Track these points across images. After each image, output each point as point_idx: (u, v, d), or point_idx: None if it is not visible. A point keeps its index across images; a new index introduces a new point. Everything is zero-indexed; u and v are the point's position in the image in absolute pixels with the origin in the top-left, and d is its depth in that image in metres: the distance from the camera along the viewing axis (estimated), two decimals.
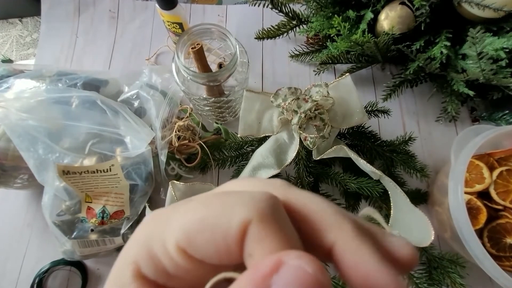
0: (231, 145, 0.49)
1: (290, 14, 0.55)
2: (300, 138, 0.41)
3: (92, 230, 0.43)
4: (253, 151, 0.47)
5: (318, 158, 0.42)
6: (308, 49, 0.59)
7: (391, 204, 0.42)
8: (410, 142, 0.49)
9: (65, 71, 0.48)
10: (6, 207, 0.52)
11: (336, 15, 0.47)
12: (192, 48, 0.41)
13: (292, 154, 0.43)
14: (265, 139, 0.47)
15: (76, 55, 0.62)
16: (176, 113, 0.52)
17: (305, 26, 0.56)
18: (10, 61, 0.64)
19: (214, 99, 0.46)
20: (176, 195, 0.38)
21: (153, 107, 0.47)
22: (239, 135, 0.44)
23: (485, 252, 0.36)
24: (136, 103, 0.48)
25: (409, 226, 0.40)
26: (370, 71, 0.60)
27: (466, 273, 0.42)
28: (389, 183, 0.42)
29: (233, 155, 0.50)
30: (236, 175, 0.48)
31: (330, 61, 0.55)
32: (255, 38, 0.58)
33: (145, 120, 0.47)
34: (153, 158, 0.44)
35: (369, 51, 0.49)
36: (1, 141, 0.41)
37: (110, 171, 0.40)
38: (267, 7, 0.53)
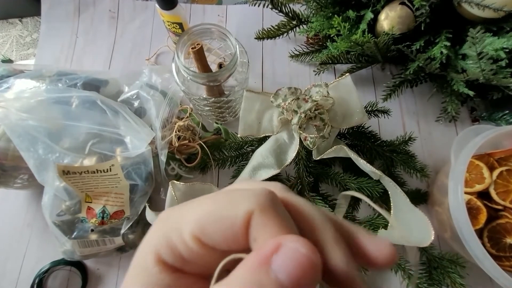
0: (231, 145, 0.49)
1: (290, 14, 0.55)
2: (300, 138, 0.41)
3: (92, 230, 0.43)
4: (253, 151, 0.47)
5: (318, 158, 0.42)
6: (308, 49, 0.59)
7: (391, 204, 0.42)
8: (410, 142, 0.49)
9: (65, 71, 0.48)
10: (6, 207, 0.52)
11: (336, 15, 0.47)
12: (192, 48, 0.41)
13: (292, 154, 0.43)
14: (265, 139, 0.47)
15: (76, 55, 0.62)
16: (176, 113, 0.52)
17: (305, 26, 0.56)
18: (10, 61, 0.64)
19: (214, 99, 0.46)
20: (176, 195, 0.38)
21: (153, 107, 0.47)
22: (239, 135, 0.44)
23: (485, 252, 0.36)
24: (136, 103, 0.48)
25: (409, 226, 0.40)
26: (370, 71, 0.60)
27: (466, 273, 0.42)
28: (389, 183, 0.42)
29: (233, 155, 0.50)
30: (236, 175, 0.48)
31: (330, 61, 0.55)
32: (255, 38, 0.58)
33: (145, 120, 0.47)
34: (153, 158, 0.44)
35: (369, 51, 0.49)
36: (1, 141, 0.41)
37: (110, 171, 0.40)
38: (267, 7, 0.53)
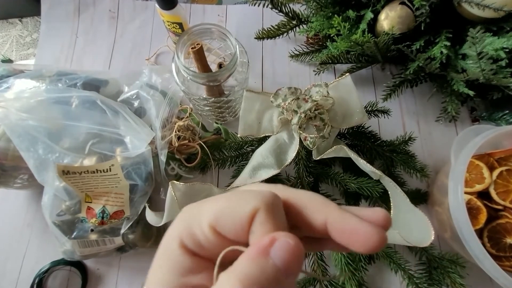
0: (231, 145, 0.49)
1: (290, 14, 0.55)
2: (300, 138, 0.41)
3: (92, 230, 0.43)
4: (253, 151, 0.47)
5: (318, 158, 0.42)
6: (308, 49, 0.59)
7: (391, 204, 0.42)
8: (410, 142, 0.49)
9: (65, 71, 0.48)
10: (6, 207, 0.52)
11: (336, 15, 0.47)
12: (192, 48, 0.41)
13: (292, 154, 0.43)
14: (265, 139, 0.47)
15: (76, 55, 0.62)
16: (176, 113, 0.52)
17: (305, 26, 0.56)
18: (10, 61, 0.64)
19: (214, 99, 0.46)
20: (176, 195, 0.38)
21: (153, 107, 0.47)
22: (239, 135, 0.44)
23: (485, 252, 0.36)
24: (136, 103, 0.48)
25: (409, 226, 0.40)
26: (370, 71, 0.60)
27: (466, 273, 0.42)
28: (389, 183, 0.41)
29: (233, 155, 0.50)
30: (236, 175, 0.48)
31: (330, 61, 0.55)
32: (255, 38, 0.58)
33: (145, 120, 0.47)
34: (153, 158, 0.44)
35: (369, 51, 0.49)
36: (1, 141, 0.41)
37: (110, 171, 0.40)
38: (267, 7, 0.53)
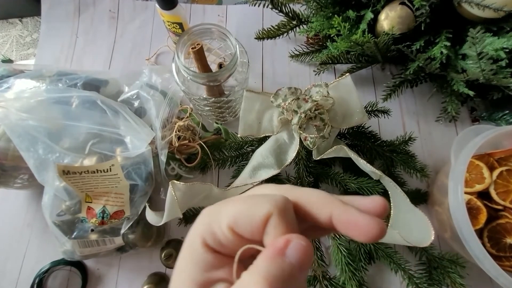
0: (231, 145, 0.49)
1: (290, 14, 0.55)
2: (300, 138, 0.41)
3: (92, 230, 0.43)
4: (253, 151, 0.47)
5: (318, 158, 0.42)
6: (308, 49, 0.59)
7: (391, 204, 0.42)
8: (410, 142, 0.49)
9: (65, 71, 0.48)
10: (6, 207, 0.52)
11: (336, 15, 0.47)
12: (192, 48, 0.41)
13: (292, 154, 0.43)
14: (265, 139, 0.47)
15: (76, 55, 0.62)
16: (176, 113, 0.51)
17: (305, 26, 0.56)
18: (10, 61, 0.64)
19: (214, 99, 0.46)
20: (176, 195, 0.38)
21: (153, 107, 0.47)
22: (239, 135, 0.44)
23: (485, 252, 0.36)
24: (136, 103, 0.48)
25: (409, 226, 0.40)
26: (370, 71, 0.60)
27: (466, 273, 0.42)
28: (389, 183, 0.41)
29: (233, 155, 0.50)
30: (236, 175, 0.48)
31: (330, 61, 0.55)
32: (255, 38, 0.58)
33: (145, 120, 0.47)
34: (153, 158, 0.44)
35: (369, 51, 0.49)
36: (1, 141, 0.41)
37: (110, 171, 0.40)
38: (267, 7, 0.53)
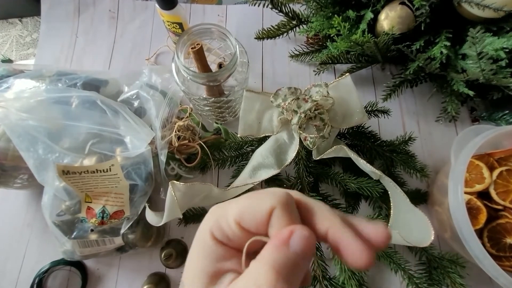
0: (231, 145, 0.49)
1: (290, 14, 0.55)
2: (300, 138, 0.41)
3: (92, 230, 0.43)
4: (253, 151, 0.47)
5: (318, 158, 0.42)
6: (308, 49, 0.59)
7: (391, 204, 0.42)
8: (410, 142, 0.49)
9: (65, 71, 0.48)
10: (6, 207, 0.52)
11: (336, 15, 0.47)
12: (192, 48, 0.41)
13: (292, 154, 0.43)
14: (265, 139, 0.47)
15: (76, 55, 0.62)
16: (176, 113, 0.51)
17: (305, 26, 0.56)
18: (10, 61, 0.64)
19: (214, 99, 0.46)
20: (176, 195, 0.38)
21: (153, 107, 0.47)
22: (239, 135, 0.44)
23: (485, 252, 0.36)
24: (136, 103, 0.48)
25: (409, 226, 0.40)
26: (370, 71, 0.60)
27: (466, 273, 0.42)
28: (389, 183, 0.41)
29: (233, 155, 0.50)
30: (236, 175, 0.48)
31: (330, 61, 0.55)
32: (255, 38, 0.58)
33: (145, 120, 0.47)
34: (153, 158, 0.44)
35: (369, 51, 0.49)
36: (1, 141, 0.41)
37: (110, 171, 0.40)
38: (267, 7, 0.53)
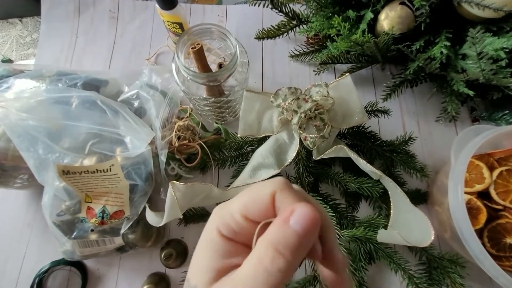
0: (231, 145, 0.49)
1: (290, 14, 0.55)
2: (300, 138, 0.41)
3: (92, 230, 0.43)
4: (253, 151, 0.47)
5: (318, 158, 0.42)
6: (308, 49, 0.59)
7: (391, 204, 0.42)
8: (410, 142, 0.49)
9: (65, 71, 0.48)
10: (6, 207, 0.52)
11: (336, 15, 0.47)
12: (192, 48, 0.41)
13: (292, 154, 0.43)
14: (265, 139, 0.47)
15: (76, 55, 0.62)
16: (176, 113, 0.51)
17: (305, 26, 0.56)
18: (10, 61, 0.64)
19: (214, 99, 0.46)
20: (176, 195, 0.38)
21: (153, 107, 0.47)
22: (239, 135, 0.44)
23: (485, 252, 0.36)
24: (136, 103, 0.48)
25: (409, 226, 0.40)
26: (370, 71, 0.60)
27: (466, 273, 0.42)
28: (389, 183, 0.42)
29: (233, 155, 0.50)
30: (236, 175, 0.48)
31: (330, 61, 0.55)
32: (255, 38, 0.58)
33: (145, 120, 0.47)
34: (153, 158, 0.44)
35: (369, 51, 0.49)
36: (1, 141, 0.41)
37: (110, 171, 0.40)
38: (267, 7, 0.53)
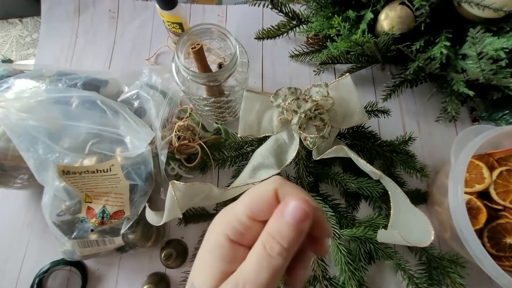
0: (231, 145, 0.49)
1: (290, 14, 0.55)
2: (300, 138, 0.41)
3: (92, 230, 0.43)
4: (253, 151, 0.47)
5: (318, 158, 0.42)
6: (308, 49, 0.59)
7: (391, 204, 0.42)
8: (410, 142, 0.49)
9: (65, 71, 0.48)
10: (6, 207, 0.52)
11: (336, 15, 0.47)
12: (192, 48, 0.41)
13: (292, 154, 0.43)
14: (265, 139, 0.47)
15: (76, 55, 0.62)
16: (176, 113, 0.51)
17: (305, 26, 0.56)
18: (10, 61, 0.64)
19: (214, 99, 0.46)
20: (176, 195, 0.38)
21: (153, 107, 0.47)
22: (239, 135, 0.44)
23: (485, 252, 0.36)
24: (136, 103, 0.48)
25: (409, 226, 0.40)
26: (370, 71, 0.60)
27: (466, 273, 0.42)
28: (389, 183, 0.42)
29: (233, 155, 0.50)
30: (236, 175, 0.48)
31: (330, 61, 0.55)
32: (255, 38, 0.58)
33: (145, 120, 0.47)
34: (153, 158, 0.44)
35: (369, 51, 0.49)
36: (1, 141, 0.41)
37: (110, 171, 0.40)
38: (267, 7, 0.53)
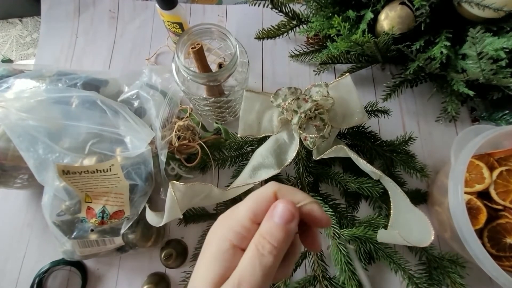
0: (231, 145, 0.49)
1: (290, 14, 0.55)
2: (300, 138, 0.41)
3: (92, 230, 0.43)
4: (253, 151, 0.47)
5: (318, 158, 0.42)
6: (308, 49, 0.59)
7: (391, 204, 0.42)
8: (410, 142, 0.49)
9: (65, 71, 0.48)
10: (6, 207, 0.52)
11: (336, 15, 0.47)
12: (192, 48, 0.41)
13: (292, 154, 0.43)
14: (265, 139, 0.47)
15: (76, 55, 0.62)
16: (176, 113, 0.51)
17: (305, 26, 0.56)
18: (10, 61, 0.64)
19: (214, 99, 0.46)
20: (176, 195, 0.38)
21: (153, 107, 0.47)
22: (239, 135, 0.44)
23: (485, 252, 0.36)
24: (136, 103, 0.48)
25: (409, 226, 0.40)
26: (370, 71, 0.60)
27: (466, 273, 0.42)
28: (389, 183, 0.41)
29: (233, 155, 0.50)
30: (236, 175, 0.48)
31: (330, 61, 0.55)
32: (255, 38, 0.58)
33: (145, 120, 0.47)
34: (153, 158, 0.44)
35: (369, 51, 0.49)
36: (1, 141, 0.41)
37: (110, 171, 0.40)
38: (267, 7, 0.53)
